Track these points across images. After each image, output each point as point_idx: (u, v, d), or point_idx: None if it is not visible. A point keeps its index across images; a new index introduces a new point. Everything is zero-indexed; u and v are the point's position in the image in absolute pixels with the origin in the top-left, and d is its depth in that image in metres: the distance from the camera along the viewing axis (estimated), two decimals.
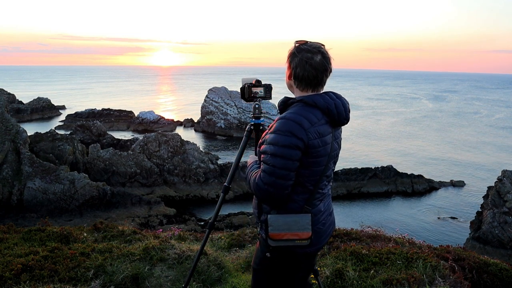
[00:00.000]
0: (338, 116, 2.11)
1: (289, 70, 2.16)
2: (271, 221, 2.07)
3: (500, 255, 19.36)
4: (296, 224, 2.07)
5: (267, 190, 2.02)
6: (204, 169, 31.90)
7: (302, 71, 2.08)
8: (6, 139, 26.56)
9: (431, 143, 52.08)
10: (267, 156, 2.02)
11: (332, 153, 2.14)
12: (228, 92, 59.33)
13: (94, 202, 25.48)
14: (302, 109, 2.06)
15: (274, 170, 1.99)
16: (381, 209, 29.96)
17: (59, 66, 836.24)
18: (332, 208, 2.38)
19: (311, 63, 2.06)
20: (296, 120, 1.99)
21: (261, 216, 2.22)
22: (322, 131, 2.06)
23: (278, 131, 2.00)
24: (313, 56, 2.07)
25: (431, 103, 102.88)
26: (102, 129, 41.87)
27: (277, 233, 2.06)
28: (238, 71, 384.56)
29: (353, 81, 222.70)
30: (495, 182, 24.36)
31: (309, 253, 2.21)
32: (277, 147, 1.98)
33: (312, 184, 2.11)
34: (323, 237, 2.24)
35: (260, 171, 2.08)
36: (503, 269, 4.27)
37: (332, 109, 2.09)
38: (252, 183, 2.10)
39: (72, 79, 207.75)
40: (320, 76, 2.10)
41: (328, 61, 2.10)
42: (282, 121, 2.02)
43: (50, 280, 3.46)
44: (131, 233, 4.96)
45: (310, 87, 2.13)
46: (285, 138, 1.97)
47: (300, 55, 2.09)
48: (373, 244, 4.50)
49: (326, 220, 2.26)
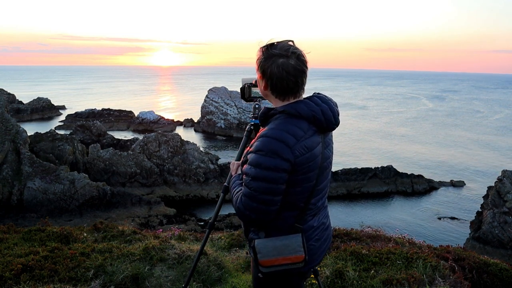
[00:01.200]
0: (326, 122, 1.88)
1: (263, 81, 1.91)
2: (259, 248, 1.87)
3: (500, 255, 19.35)
4: (286, 248, 1.86)
5: (249, 216, 1.82)
6: (204, 169, 31.90)
7: (279, 81, 1.83)
8: (6, 139, 26.57)
9: (431, 143, 52.09)
10: (248, 179, 1.80)
11: (323, 163, 1.92)
12: (228, 92, 59.33)
13: (94, 202, 25.48)
14: (285, 123, 1.81)
15: (255, 195, 1.78)
16: (381, 209, 29.97)
17: (59, 66, 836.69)
18: (329, 222, 2.16)
19: (288, 69, 1.81)
20: (279, 138, 1.75)
21: (249, 234, 2.01)
22: (310, 144, 1.83)
23: (259, 151, 1.77)
24: (288, 60, 1.82)
25: (431, 103, 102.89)
26: (102, 129, 41.87)
27: (268, 259, 1.86)
28: (238, 71, 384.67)
29: (353, 81, 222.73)
30: (495, 182, 24.36)
31: (304, 272, 2.05)
32: (259, 170, 1.75)
33: (302, 201, 1.91)
34: (317, 254, 2.04)
35: (241, 194, 1.86)
36: (503, 269, 4.27)
37: (319, 116, 1.85)
38: (235, 206, 1.90)
39: (72, 79, 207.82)
40: (300, 81, 1.86)
41: (304, 62, 1.86)
42: (263, 139, 1.78)
43: (50, 280, 3.46)
44: (131, 233, 4.96)
45: (291, 94, 1.88)
46: (268, 160, 1.74)
47: (273, 61, 1.83)
48: (373, 244, 4.50)
49: (320, 236, 2.04)
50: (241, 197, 1.85)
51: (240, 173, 2.03)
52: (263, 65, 1.87)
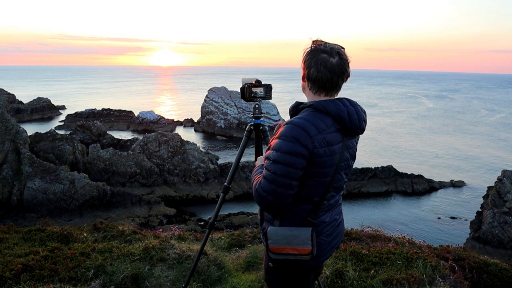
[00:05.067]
0: (351, 124, 1.98)
1: (303, 71, 2.04)
2: (270, 234, 1.99)
3: (500, 255, 19.35)
4: (295, 239, 1.96)
5: (266, 198, 1.93)
6: (204, 169, 31.90)
7: (316, 72, 1.95)
8: (6, 139, 26.56)
9: (431, 143, 52.08)
10: (269, 162, 1.92)
11: (341, 163, 2.01)
12: (228, 92, 59.32)
13: (94, 202, 25.48)
14: (311, 115, 1.94)
15: (275, 177, 1.89)
16: (381, 209, 29.96)
17: (59, 66, 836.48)
18: (342, 219, 2.25)
19: (326, 64, 1.93)
20: (302, 126, 1.88)
21: (263, 224, 2.16)
22: (331, 139, 1.93)
23: (283, 136, 1.90)
24: (329, 57, 1.94)
25: (432, 103, 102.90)
26: (102, 129, 41.85)
27: (277, 246, 1.98)
28: (238, 71, 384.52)
29: (353, 81, 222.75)
30: (495, 182, 24.36)
31: (315, 266, 2.14)
32: (280, 153, 1.88)
33: (317, 196, 2.00)
34: (327, 249, 2.12)
35: (261, 176, 1.99)
36: (503, 269, 4.27)
37: (344, 116, 1.96)
38: (253, 189, 2.02)
39: (72, 79, 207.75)
40: (336, 80, 1.96)
41: (345, 64, 1.96)
42: (288, 126, 1.91)
43: (50, 280, 3.46)
44: (131, 233, 4.96)
45: (324, 90, 2.00)
46: (289, 144, 1.86)
47: (315, 55, 1.96)
48: (373, 244, 4.50)
49: (331, 231, 2.13)
50: (260, 181, 1.97)
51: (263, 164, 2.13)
52: (307, 56, 2.00)
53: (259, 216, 2.21)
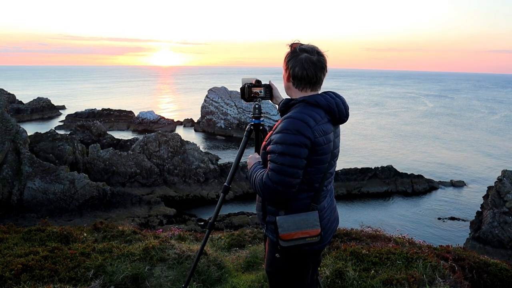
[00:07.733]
0: (339, 114, 2.18)
1: (287, 72, 2.20)
2: (280, 223, 2.11)
3: (500, 255, 19.35)
4: (305, 223, 2.12)
5: (275, 188, 2.04)
6: (204, 169, 31.90)
7: (301, 70, 2.12)
8: (6, 139, 26.56)
9: (431, 143, 52.07)
10: (275, 155, 2.05)
11: (334, 150, 2.21)
12: (228, 92, 59.31)
13: (94, 202, 25.48)
14: (306, 109, 2.10)
15: (283, 168, 2.02)
16: (381, 209, 29.96)
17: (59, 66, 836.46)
18: (335, 204, 2.43)
19: (309, 62, 2.11)
20: (302, 119, 2.04)
21: (266, 218, 2.25)
22: (326, 129, 2.12)
23: (285, 130, 2.04)
24: (311, 55, 2.12)
25: (432, 103, 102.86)
26: (102, 129, 41.85)
27: (288, 233, 2.10)
28: (238, 71, 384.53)
29: (353, 81, 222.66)
30: (495, 182, 24.36)
31: (316, 250, 2.28)
32: (285, 146, 2.01)
33: (317, 182, 2.16)
34: (328, 233, 2.29)
35: (266, 170, 2.10)
36: (503, 269, 4.27)
37: (333, 107, 2.15)
38: (259, 183, 2.12)
39: (72, 79, 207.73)
40: (319, 75, 2.15)
41: (325, 61, 2.17)
42: (289, 120, 2.06)
43: (50, 280, 3.46)
44: (131, 233, 4.96)
45: (310, 86, 2.17)
46: (293, 137, 2.01)
47: (297, 55, 2.14)
48: (373, 244, 4.50)
49: (330, 216, 2.31)
50: (266, 174, 2.08)
51: (260, 160, 2.30)
52: (289, 57, 2.18)
53: (261, 212, 2.31)
